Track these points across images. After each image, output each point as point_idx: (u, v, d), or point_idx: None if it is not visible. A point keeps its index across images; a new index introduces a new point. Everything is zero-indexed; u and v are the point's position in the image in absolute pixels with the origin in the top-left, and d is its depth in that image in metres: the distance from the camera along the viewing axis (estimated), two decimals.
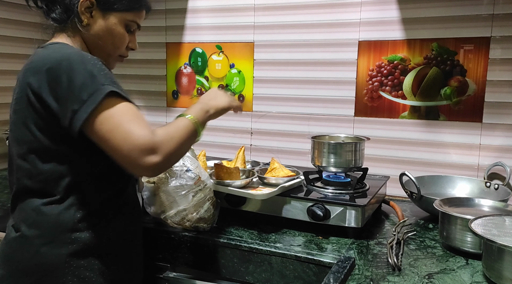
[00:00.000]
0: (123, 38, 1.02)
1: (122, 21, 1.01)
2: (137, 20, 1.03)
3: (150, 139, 0.82)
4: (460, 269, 0.99)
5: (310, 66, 1.66)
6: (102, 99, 0.83)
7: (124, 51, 1.05)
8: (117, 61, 1.07)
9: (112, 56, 1.04)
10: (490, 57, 1.43)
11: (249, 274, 1.12)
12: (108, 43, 1.01)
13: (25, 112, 0.89)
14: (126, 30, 1.02)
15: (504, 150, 1.45)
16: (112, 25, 1.00)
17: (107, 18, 0.99)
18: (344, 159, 1.29)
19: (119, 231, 0.98)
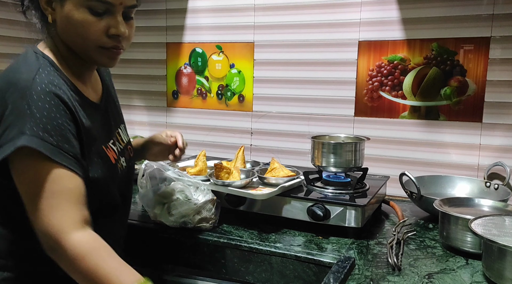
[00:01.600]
0: (86, 25, 0.82)
1: (78, 4, 0.81)
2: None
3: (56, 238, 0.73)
4: (460, 269, 0.99)
5: (310, 66, 1.66)
6: (13, 152, 0.74)
7: (105, 40, 0.84)
8: (104, 56, 0.87)
9: (90, 51, 0.85)
10: (490, 57, 1.43)
11: (249, 274, 1.12)
12: (74, 35, 0.84)
13: None
14: (92, 14, 0.82)
15: (504, 150, 1.45)
16: (69, 12, 0.82)
17: (64, 5, 0.82)
18: (344, 159, 1.29)
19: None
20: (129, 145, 1.07)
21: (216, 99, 1.84)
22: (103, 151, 0.92)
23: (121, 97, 2.11)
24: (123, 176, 0.99)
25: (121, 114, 1.09)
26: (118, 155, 0.98)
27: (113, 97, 1.07)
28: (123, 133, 1.06)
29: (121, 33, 0.85)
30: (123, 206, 1.02)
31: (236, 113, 1.81)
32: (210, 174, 1.26)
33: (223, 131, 1.83)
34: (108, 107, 1.01)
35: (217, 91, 1.83)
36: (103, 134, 0.94)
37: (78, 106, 0.86)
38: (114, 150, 0.97)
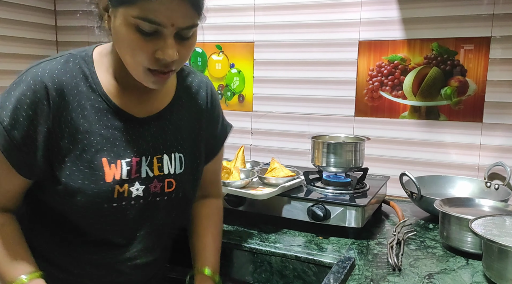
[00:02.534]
0: (132, 44, 0.74)
1: (126, 19, 0.72)
2: (149, 16, 0.70)
3: None
4: (461, 269, 0.99)
5: (310, 66, 1.66)
6: None
7: (151, 62, 0.75)
8: (149, 78, 0.78)
9: (135, 70, 0.78)
10: (491, 57, 1.43)
11: (249, 274, 1.11)
12: (122, 50, 0.77)
13: None
14: (140, 33, 0.73)
15: (504, 150, 1.44)
16: (118, 26, 0.74)
17: (116, 17, 0.74)
18: (344, 159, 1.29)
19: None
20: (171, 177, 0.89)
21: None
22: (99, 163, 0.81)
23: None
24: (128, 204, 0.84)
25: (184, 144, 0.92)
26: (128, 179, 0.83)
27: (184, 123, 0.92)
28: (171, 163, 0.89)
29: (168, 57, 0.75)
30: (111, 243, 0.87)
31: (236, 113, 1.80)
32: None
33: None
34: (157, 128, 0.88)
35: (217, 91, 1.83)
36: (116, 148, 0.83)
37: (82, 103, 0.80)
38: (126, 171, 0.83)
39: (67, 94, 0.79)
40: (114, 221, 0.84)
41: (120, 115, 0.84)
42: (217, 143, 1.02)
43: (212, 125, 0.99)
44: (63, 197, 0.81)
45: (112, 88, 0.84)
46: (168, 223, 0.93)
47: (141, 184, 0.85)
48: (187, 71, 0.99)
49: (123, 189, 0.83)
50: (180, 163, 0.91)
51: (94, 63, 0.84)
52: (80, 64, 0.82)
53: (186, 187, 0.92)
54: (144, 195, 0.85)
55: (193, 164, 0.94)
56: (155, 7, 0.70)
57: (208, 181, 1.03)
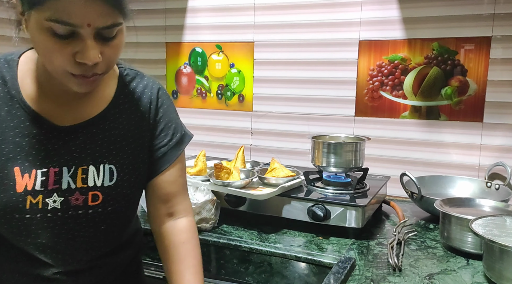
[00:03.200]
0: (49, 49, 0.68)
1: (39, 23, 0.66)
2: (61, 17, 0.65)
3: None
4: (461, 269, 0.99)
5: (311, 66, 1.66)
6: None
7: (72, 66, 0.70)
8: (74, 82, 0.73)
9: (57, 74, 0.72)
10: (491, 57, 1.43)
11: (249, 275, 1.11)
12: (40, 55, 0.73)
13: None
14: (55, 37, 0.67)
15: (505, 150, 1.44)
16: (32, 31, 0.68)
17: (29, 21, 0.69)
18: (345, 159, 1.29)
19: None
20: (97, 190, 0.82)
21: (216, 99, 1.83)
22: (10, 172, 0.76)
23: None
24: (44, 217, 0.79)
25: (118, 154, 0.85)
26: (43, 189, 0.78)
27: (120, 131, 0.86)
28: (99, 175, 0.83)
29: (88, 60, 0.69)
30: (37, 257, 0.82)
31: (236, 113, 1.80)
32: (210, 174, 1.26)
33: (223, 131, 1.82)
34: (85, 137, 0.82)
35: (217, 91, 1.83)
36: (31, 157, 0.78)
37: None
38: (40, 181, 0.78)
39: None
40: (30, 233, 0.79)
41: (40, 123, 0.79)
42: (168, 153, 0.91)
43: (159, 134, 0.91)
44: None
45: (34, 95, 0.79)
46: (100, 238, 0.86)
47: (60, 196, 0.79)
48: (132, 76, 0.91)
49: (37, 200, 0.77)
50: (110, 175, 0.83)
51: (19, 67, 0.79)
52: (1, 68, 0.79)
53: (117, 201, 0.85)
54: (62, 208, 0.79)
55: (129, 177, 0.86)
56: (66, 7, 0.64)
57: (170, 194, 0.93)
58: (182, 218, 0.93)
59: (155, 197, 0.93)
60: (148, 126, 0.89)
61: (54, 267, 0.83)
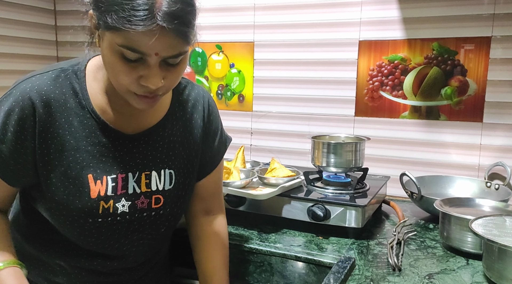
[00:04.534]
0: (117, 70, 0.73)
1: (111, 45, 0.71)
2: (132, 45, 0.69)
3: None
4: (461, 269, 0.99)
5: (311, 66, 1.66)
6: None
7: (135, 87, 0.74)
8: (135, 100, 0.77)
9: (121, 91, 0.77)
10: (491, 57, 1.43)
11: (249, 275, 1.11)
12: (107, 71, 0.77)
13: None
14: (124, 60, 0.72)
15: (504, 150, 1.44)
16: (104, 50, 0.74)
17: (103, 40, 0.73)
18: (345, 159, 1.29)
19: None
20: (159, 194, 0.89)
21: (216, 99, 1.83)
22: (84, 180, 0.81)
23: None
24: (115, 219, 0.85)
25: (176, 160, 0.91)
26: (113, 195, 0.84)
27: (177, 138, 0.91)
28: (160, 180, 0.89)
29: (152, 86, 0.73)
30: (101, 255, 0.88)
31: (236, 113, 1.80)
32: None
33: None
34: (147, 144, 0.87)
35: (217, 91, 1.83)
36: (102, 165, 0.83)
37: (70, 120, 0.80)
38: (111, 187, 0.83)
39: (55, 111, 0.79)
40: (100, 235, 0.85)
41: (108, 131, 0.83)
42: (215, 156, 1.00)
43: (209, 139, 0.98)
44: (49, 209, 0.83)
45: (102, 104, 0.83)
46: (159, 239, 0.95)
47: (127, 200, 0.85)
48: (184, 84, 0.96)
49: (108, 205, 0.83)
50: (170, 179, 0.90)
51: (86, 77, 0.83)
52: (71, 80, 0.82)
53: (175, 202, 0.92)
54: (130, 211, 0.85)
55: (184, 180, 0.93)
56: (138, 38, 0.68)
57: (210, 193, 1.02)
58: (217, 215, 1.03)
59: (195, 195, 1.01)
60: (201, 133, 0.96)
61: (114, 265, 0.90)
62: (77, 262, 0.89)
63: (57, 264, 0.90)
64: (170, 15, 0.67)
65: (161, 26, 0.67)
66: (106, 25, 0.69)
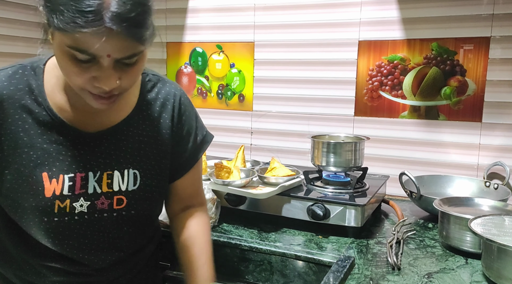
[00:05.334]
0: (67, 69, 0.70)
1: (61, 45, 0.68)
2: (82, 46, 0.66)
3: None
4: (460, 268, 1.00)
5: (310, 66, 1.66)
6: None
7: (90, 87, 0.71)
8: (92, 100, 0.74)
9: (77, 90, 0.74)
10: (490, 57, 1.43)
11: (249, 273, 1.12)
12: (61, 70, 0.73)
13: None
14: (75, 61, 0.69)
15: (503, 150, 1.45)
16: (55, 49, 0.71)
17: (53, 37, 0.70)
18: (344, 159, 1.29)
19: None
20: (122, 194, 0.85)
21: (216, 99, 1.84)
22: (38, 178, 0.78)
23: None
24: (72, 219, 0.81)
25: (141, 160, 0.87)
26: (70, 194, 0.80)
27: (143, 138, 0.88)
28: (123, 180, 0.85)
29: (106, 87, 0.71)
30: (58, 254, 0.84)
31: (236, 112, 1.81)
32: (210, 173, 1.26)
33: (223, 130, 1.83)
34: (109, 143, 0.84)
35: (217, 90, 1.83)
36: (58, 163, 0.80)
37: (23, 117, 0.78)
38: (68, 186, 0.80)
39: (7, 107, 0.77)
40: (57, 234, 0.82)
41: (66, 130, 0.81)
42: (190, 158, 0.95)
43: (182, 141, 0.93)
44: (6, 207, 0.81)
45: (61, 102, 0.81)
46: (124, 238, 0.89)
47: (86, 200, 0.82)
48: (154, 82, 0.92)
49: (64, 205, 0.80)
50: (134, 180, 0.86)
51: (45, 74, 0.81)
52: (28, 76, 0.80)
53: (140, 204, 0.87)
54: (88, 211, 0.82)
55: (151, 181, 0.88)
56: (87, 39, 0.65)
57: (188, 194, 0.99)
58: (197, 207, 1.00)
59: (172, 196, 0.98)
60: (171, 133, 0.91)
61: (81, 265, 0.86)
62: (43, 260, 0.85)
63: (26, 261, 0.86)
64: (119, 17, 0.64)
65: (109, 28, 0.64)
66: (54, 25, 0.66)
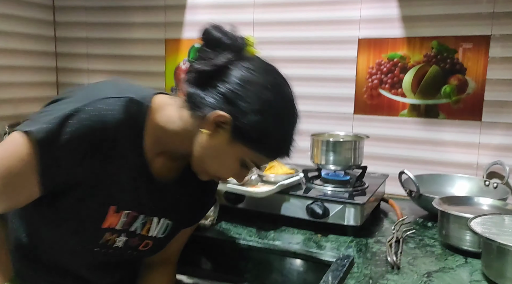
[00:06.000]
0: (228, 167, 0.82)
1: (238, 154, 0.79)
2: (259, 163, 0.83)
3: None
4: (459, 267, 0.99)
5: (310, 64, 1.66)
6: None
7: (223, 177, 0.86)
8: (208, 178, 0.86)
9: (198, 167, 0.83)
10: (490, 55, 1.43)
11: (247, 272, 1.11)
12: (213, 162, 0.81)
13: None
14: (241, 164, 0.81)
15: (503, 149, 1.45)
16: (230, 155, 0.80)
17: (231, 144, 0.78)
18: (344, 157, 1.29)
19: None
20: (151, 240, 0.90)
21: None
22: (104, 208, 0.80)
23: None
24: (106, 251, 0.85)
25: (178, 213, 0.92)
26: (120, 229, 0.84)
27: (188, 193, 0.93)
28: (157, 227, 0.89)
29: (239, 181, 0.87)
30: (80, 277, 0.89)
31: None
32: None
33: None
34: (167, 192, 0.88)
35: None
36: (127, 200, 0.82)
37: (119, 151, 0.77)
38: (121, 222, 0.83)
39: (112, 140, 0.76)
40: (84, 260, 0.87)
41: (146, 172, 0.82)
42: (202, 211, 1.03)
43: (208, 195, 1.00)
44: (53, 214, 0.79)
45: (150, 146, 0.81)
46: (136, 264, 0.99)
47: (125, 236, 0.85)
48: None
49: (110, 238, 0.83)
50: (165, 229, 0.91)
51: (149, 115, 0.80)
52: (136, 113, 0.78)
53: (158, 248, 0.94)
54: (122, 247, 0.86)
55: (175, 231, 0.95)
56: (268, 160, 0.84)
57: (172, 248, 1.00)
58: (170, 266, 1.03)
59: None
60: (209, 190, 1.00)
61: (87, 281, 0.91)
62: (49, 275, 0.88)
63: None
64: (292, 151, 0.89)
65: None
66: (251, 144, 0.79)
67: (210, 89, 0.78)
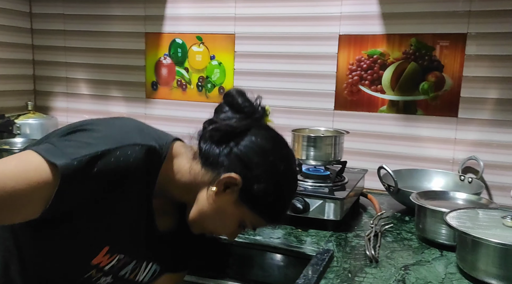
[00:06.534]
0: (226, 226, 0.84)
1: (242, 216, 0.82)
2: (257, 225, 0.86)
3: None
4: (435, 260, 1.02)
5: (291, 59, 1.66)
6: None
7: (218, 234, 0.90)
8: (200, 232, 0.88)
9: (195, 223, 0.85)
10: (466, 53, 1.46)
11: (228, 267, 1.12)
12: (213, 219, 0.83)
13: None
14: (240, 225, 0.84)
15: (478, 144, 1.48)
16: (232, 215, 0.82)
17: (235, 205, 0.81)
18: (324, 152, 1.30)
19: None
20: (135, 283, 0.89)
21: (196, 91, 1.82)
22: (98, 247, 0.78)
23: (98, 88, 2.05)
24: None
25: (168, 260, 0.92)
26: (107, 271, 0.81)
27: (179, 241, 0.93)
28: (145, 272, 0.89)
29: (231, 239, 0.89)
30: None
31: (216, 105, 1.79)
32: None
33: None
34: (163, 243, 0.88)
35: (197, 83, 1.81)
36: (123, 244, 0.81)
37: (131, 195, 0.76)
38: (113, 263, 0.81)
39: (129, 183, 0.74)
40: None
41: (150, 221, 0.82)
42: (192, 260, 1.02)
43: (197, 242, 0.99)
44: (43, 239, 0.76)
45: (157, 194, 0.81)
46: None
47: (111, 278, 0.84)
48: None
49: (97, 276, 0.81)
50: (152, 274, 0.90)
51: (164, 164, 0.79)
52: (155, 165, 0.78)
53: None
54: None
55: (160, 275, 0.93)
56: (265, 225, 0.86)
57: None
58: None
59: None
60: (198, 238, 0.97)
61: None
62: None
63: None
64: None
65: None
66: (256, 208, 0.81)
67: (225, 149, 0.79)
